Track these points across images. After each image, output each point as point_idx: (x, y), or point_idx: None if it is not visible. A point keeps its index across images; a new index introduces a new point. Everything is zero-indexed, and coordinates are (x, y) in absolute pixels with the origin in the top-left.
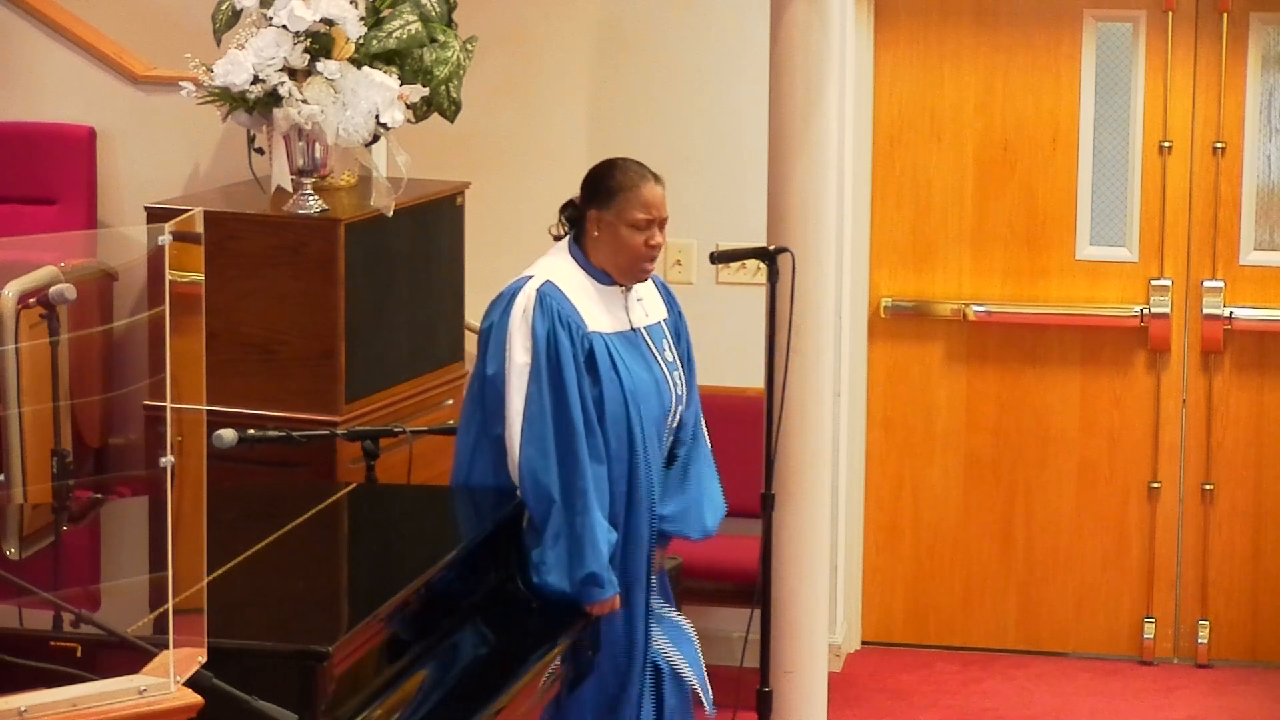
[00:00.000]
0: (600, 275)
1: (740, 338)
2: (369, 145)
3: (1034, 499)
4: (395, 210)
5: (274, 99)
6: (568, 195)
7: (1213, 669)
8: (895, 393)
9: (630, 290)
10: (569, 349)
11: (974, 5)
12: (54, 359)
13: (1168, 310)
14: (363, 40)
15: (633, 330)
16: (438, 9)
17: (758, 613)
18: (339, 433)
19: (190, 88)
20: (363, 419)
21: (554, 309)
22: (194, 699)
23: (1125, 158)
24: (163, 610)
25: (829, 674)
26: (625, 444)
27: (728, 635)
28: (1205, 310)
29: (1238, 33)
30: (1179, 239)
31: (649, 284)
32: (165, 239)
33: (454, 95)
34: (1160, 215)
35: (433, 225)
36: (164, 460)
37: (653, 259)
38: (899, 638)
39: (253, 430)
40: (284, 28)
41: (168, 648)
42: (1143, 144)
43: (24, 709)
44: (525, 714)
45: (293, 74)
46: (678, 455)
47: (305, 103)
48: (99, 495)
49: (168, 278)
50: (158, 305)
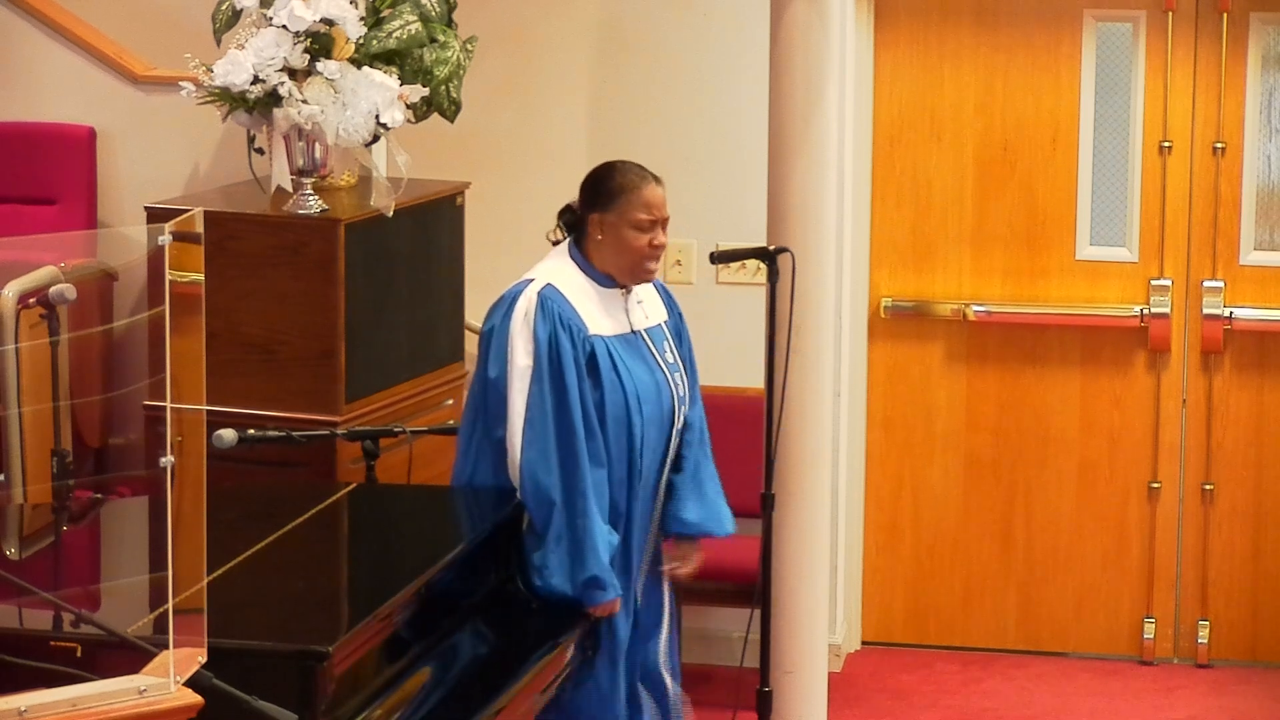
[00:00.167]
0: (601, 278)
1: (740, 338)
2: (369, 145)
3: (1034, 499)
4: (395, 210)
5: (274, 99)
6: (568, 196)
7: (1213, 669)
8: (895, 393)
9: (630, 293)
10: (570, 352)
11: (974, 5)
12: (54, 359)
13: (1168, 310)
14: (363, 40)
15: (633, 333)
16: (438, 9)
17: (758, 613)
18: (339, 433)
19: (190, 88)
20: (363, 419)
21: (555, 312)
22: (194, 699)
23: (1125, 158)
24: (163, 610)
25: (829, 674)
26: (626, 447)
27: (728, 635)
28: (1205, 310)
29: (1238, 33)
30: (1179, 239)
31: (649, 286)
32: (165, 239)
33: (454, 95)
34: (1160, 215)
35: (433, 225)
36: (164, 460)
37: (656, 259)
38: (899, 638)
39: (253, 430)
40: (284, 28)
41: (168, 648)
42: (1143, 144)
43: (24, 709)
44: (525, 714)
45: (293, 74)
46: (685, 457)
47: (305, 103)
48: (99, 495)
49: (168, 278)
50: (158, 305)
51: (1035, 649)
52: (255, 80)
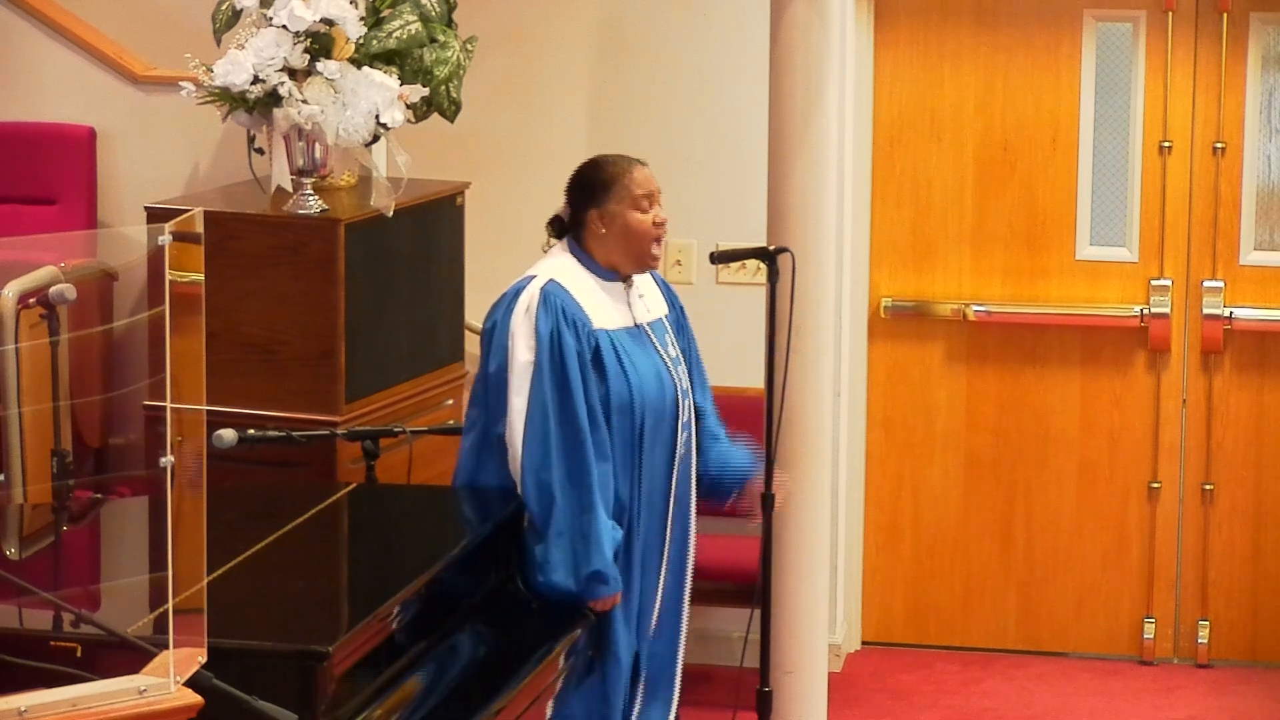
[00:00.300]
0: (604, 272)
1: (740, 338)
2: (369, 145)
3: (1034, 499)
4: (395, 210)
5: (274, 99)
6: None
7: (1213, 669)
8: (895, 393)
9: (632, 287)
10: (573, 346)
11: (974, 5)
12: (54, 359)
13: (1168, 310)
14: (363, 40)
15: (637, 326)
16: (438, 9)
17: (758, 613)
18: (339, 433)
19: (190, 88)
20: (363, 419)
21: (558, 306)
22: (194, 699)
23: (1125, 158)
24: (163, 610)
25: (829, 674)
26: (630, 440)
27: (728, 635)
28: (1205, 310)
29: (1238, 33)
30: (1179, 239)
31: (649, 280)
32: (165, 239)
33: (454, 95)
34: (1160, 215)
35: (433, 225)
36: (164, 460)
37: (659, 239)
38: (899, 638)
39: (253, 430)
40: (284, 28)
41: (168, 648)
42: (1143, 144)
43: (24, 709)
44: (525, 714)
45: (293, 74)
46: (714, 438)
47: (305, 103)
48: (99, 495)
49: (168, 278)
50: (158, 305)
51: (1035, 649)
52: (255, 80)
